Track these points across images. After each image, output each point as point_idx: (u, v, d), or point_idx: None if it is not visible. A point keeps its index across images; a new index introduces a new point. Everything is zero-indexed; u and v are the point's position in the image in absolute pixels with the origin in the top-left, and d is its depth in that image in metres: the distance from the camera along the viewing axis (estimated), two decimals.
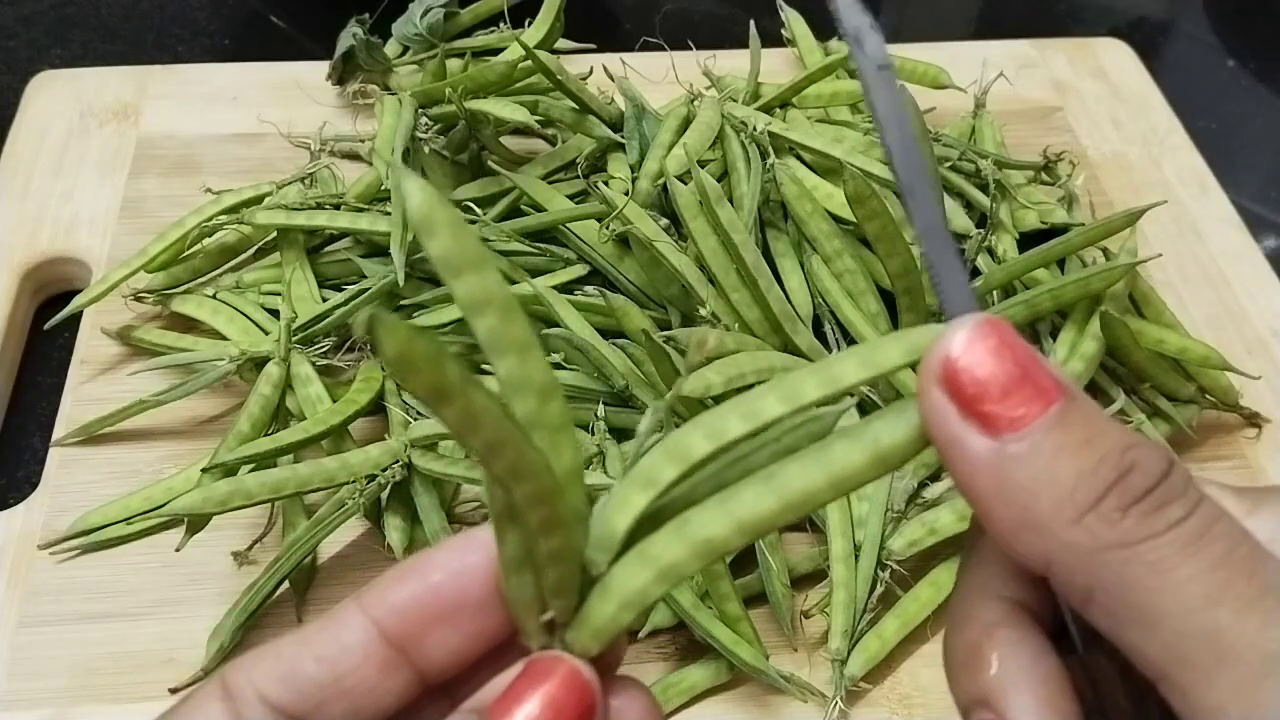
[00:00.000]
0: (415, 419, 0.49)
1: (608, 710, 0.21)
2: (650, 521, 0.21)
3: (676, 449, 0.21)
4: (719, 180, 0.54)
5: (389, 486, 0.46)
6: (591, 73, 0.61)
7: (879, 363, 0.21)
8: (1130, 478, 0.19)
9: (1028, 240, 0.56)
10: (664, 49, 0.63)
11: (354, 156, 0.63)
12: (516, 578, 0.21)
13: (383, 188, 0.55)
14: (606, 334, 0.50)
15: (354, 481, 0.46)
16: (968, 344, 0.20)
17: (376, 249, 0.55)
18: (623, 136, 0.58)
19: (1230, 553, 0.19)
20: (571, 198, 0.56)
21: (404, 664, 0.21)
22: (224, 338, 0.53)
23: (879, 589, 0.45)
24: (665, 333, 0.48)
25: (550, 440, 0.20)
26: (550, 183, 0.57)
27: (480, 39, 0.65)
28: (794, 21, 0.69)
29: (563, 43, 0.61)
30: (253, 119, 0.64)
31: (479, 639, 0.22)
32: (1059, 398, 0.19)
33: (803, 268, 0.54)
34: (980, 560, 0.23)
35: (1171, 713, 0.19)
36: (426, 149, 0.55)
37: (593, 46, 0.63)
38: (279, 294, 0.54)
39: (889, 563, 0.46)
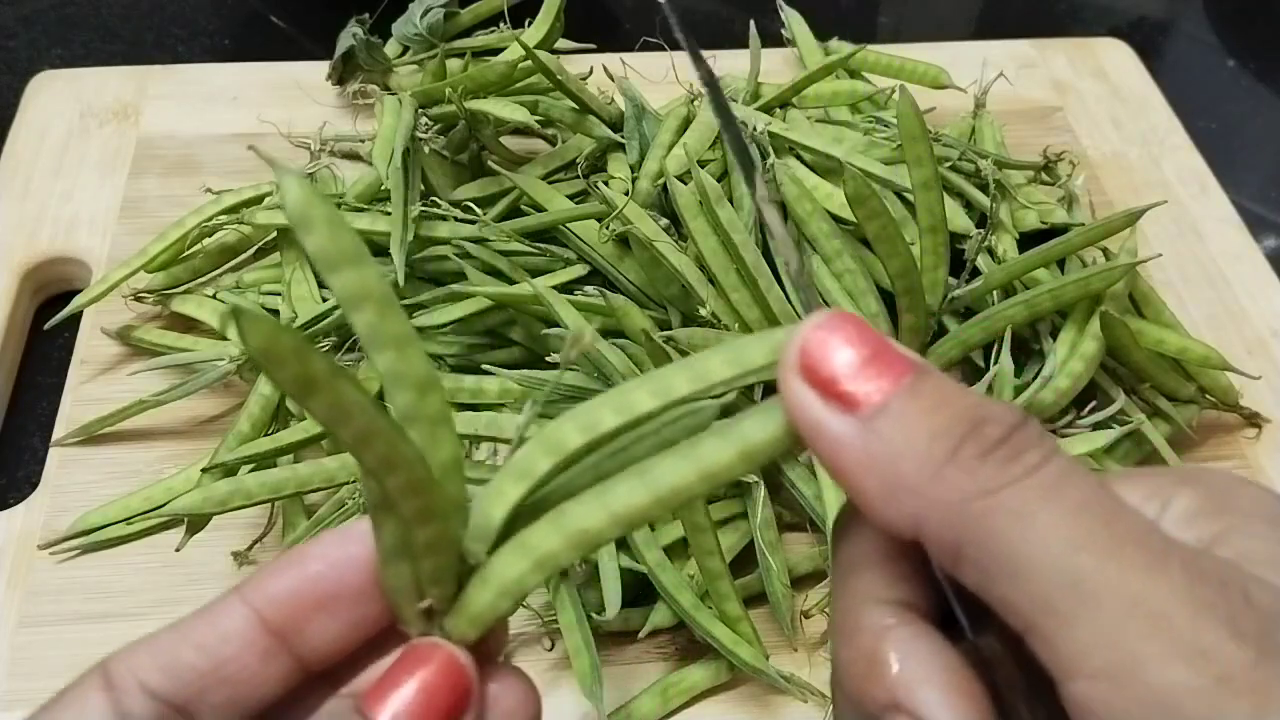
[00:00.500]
0: None
1: (484, 696, 0.22)
2: (529, 512, 0.21)
3: (551, 442, 0.21)
4: (719, 180, 0.54)
5: None
6: (591, 73, 0.61)
7: (744, 361, 0.21)
8: (983, 429, 0.20)
9: (1028, 240, 0.56)
10: (664, 49, 0.63)
11: (354, 156, 0.63)
12: (393, 566, 0.21)
13: (382, 188, 0.55)
14: (606, 334, 0.50)
15: (354, 481, 0.46)
16: (820, 334, 0.21)
17: (376, 249, 0.55)
18: (623, 136, 0.58)
19: (1089, 500, 0.19)
20: (571, 198, 0.56)
21: (284, 652, 0.22)
22: (224, 338, 0.53)
23: None
24: (665, 333, 0.48)
25: (429, 433, 0.20)
26: (550, 183, 0.57)
27: (480, 39, 0.65)
28: (794, 21, 0.69)
29: (563, 43, 0.61)
30: (253, 119, 0.64)
31: (359, 627, 0.22)
32: (909, 372, 0.20)
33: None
34: (855, 569, 0.23)
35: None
36: (426, 149, 0.55)
37: (593, 46, 0.63)
38: (279, 294, 0.54)
39: None
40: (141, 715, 0.21)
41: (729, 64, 0.64)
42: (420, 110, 0.55)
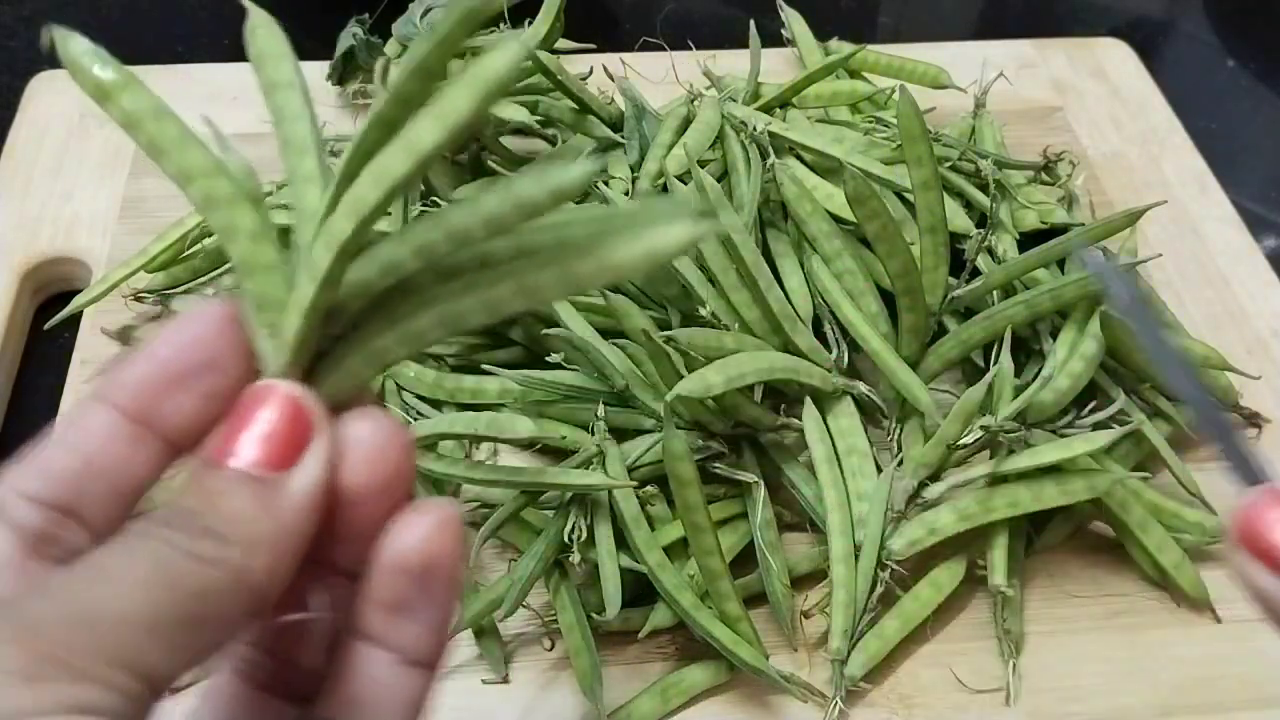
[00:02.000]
0: (415, 419, 0.49)
1: (335, 431, 0.22)
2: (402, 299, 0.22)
3: (352, 205, 0.23)
4: (719, 180, 0.54)
5: None
6: (591, 73, 0.61)
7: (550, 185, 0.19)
8: None
9: (1028, 240, 0.57)
10: (664, 49, 0.63)
11: None
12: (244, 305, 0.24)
13: None
14: (606, 334, 0.50)
15: None
16: (1257, 511, 0.23)
17: None
18: (623, 136, 0.58)
19: None
20: None
21: (149, 435, 0.23)
22: None
23: (879, 589, 0.45)
24: (665, 333, 0.48)
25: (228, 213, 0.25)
26: None
27: (480, 39, 0.65)
28: (794, 21, 0.69)
29: (563, 43, 0.61)
30: (253, 119, 0.64)
31: (212, 399, 0.23)
32: None
33: (803, 268, 0.54)
34: None
35: None
36: None
37: (593, 46, 0.63)
38: None
39: (889, 563, 0.46)
40: (31, 522, 0.22)
41: (729, 64, 0.64)
42: None
